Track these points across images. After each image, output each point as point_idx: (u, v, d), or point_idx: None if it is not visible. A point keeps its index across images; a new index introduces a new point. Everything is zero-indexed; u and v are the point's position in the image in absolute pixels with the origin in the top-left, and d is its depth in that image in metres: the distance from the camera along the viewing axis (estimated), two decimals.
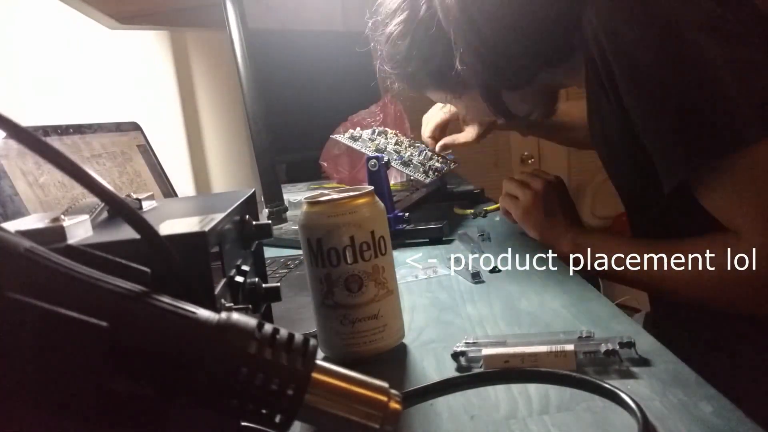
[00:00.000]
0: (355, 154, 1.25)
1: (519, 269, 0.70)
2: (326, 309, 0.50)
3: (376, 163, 0.87)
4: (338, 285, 0.49)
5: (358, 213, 0.49)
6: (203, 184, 1.53)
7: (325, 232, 0.48)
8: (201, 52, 1.57)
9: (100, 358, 0.25)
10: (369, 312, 0.49)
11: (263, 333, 0.27)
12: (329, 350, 0.51)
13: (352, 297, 0.49)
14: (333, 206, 0.49)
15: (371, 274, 0.49)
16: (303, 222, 0.50)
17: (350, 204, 0.49)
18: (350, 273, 0.48)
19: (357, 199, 0.49)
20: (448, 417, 0.40)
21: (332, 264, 0.48)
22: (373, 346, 0.50)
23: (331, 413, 0.28)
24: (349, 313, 0.49)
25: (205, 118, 1.57)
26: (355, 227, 0.48)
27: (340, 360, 0.48)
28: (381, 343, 0.50)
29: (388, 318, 0.50)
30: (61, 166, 0.27)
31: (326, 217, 0.49)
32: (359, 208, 0.49)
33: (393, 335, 0.51)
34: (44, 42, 1.05)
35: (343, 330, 0.49)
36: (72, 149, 0.85)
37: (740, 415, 0.36)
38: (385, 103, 1.37)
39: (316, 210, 0.49)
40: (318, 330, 0.52)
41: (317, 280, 0.50)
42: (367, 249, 0.49)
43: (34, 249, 0.26)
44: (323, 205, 0.49)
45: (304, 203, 0.50)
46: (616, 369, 0.43)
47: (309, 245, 0.49)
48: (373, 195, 0.51)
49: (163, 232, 0.34)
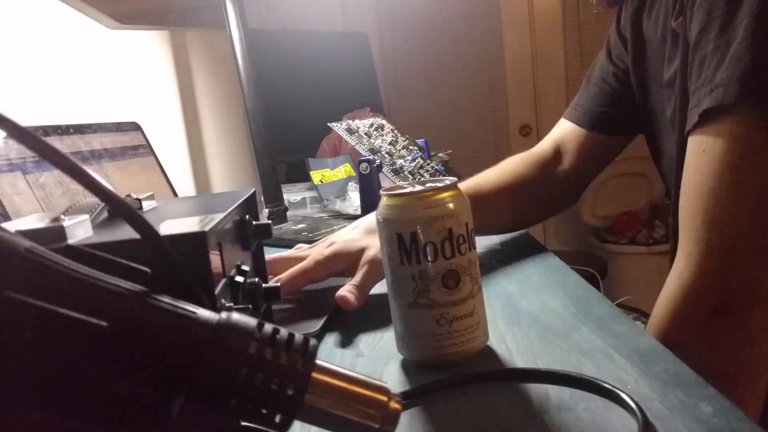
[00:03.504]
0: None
1: (519, 269, 0.70)
2: (419, 309, 0.46)
3: (368, 167, 0.88)
4: (435, 282, 0.46)
5: (451, 204, 0.46)
6: (203, 184, 1.53)
7: (421, 224, 0.45)
8: (201, 52, 1.58)
9: (99, 358, 0.25)
10: (466, 309, 0.47)
11: (263, 333, 0.27)
12: (421, 353, 0.48)
13: (450, 294, 0.46)
14: (423, 198, 0.46)
15: (467, 268, 0.46)
16: (390, 216, 0.47)
17: (443, 195, 0.46)
18: (449, 268, 0.46)
19: (448, 190, 0.46)
20: (447, 417, 0.40)
21: (429, 259, 0.45)
22: (468, 346, 0.47)
23: (331, 413, 0.28)
24: (447, 311, 0.46)
25: (206, 118, 1.57)
26: (452, 219, 0.45)
27: (435, 363, 0.47)
28: (475, 342, 0.48)
29: (480, 315, 0.48)
30: (61, 165, 0.27)
31: (421, 209, 0.45)
32: (452, 199, 0.46)
33: (484, 333, 0.49)
34: (44, 42, 1.05)
35: (440, 330, 0.46)
36: (72, 149, 0.85)
37: (740, 415, 0.36)
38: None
39: (404, 202, 0.46)
40: (404, 334, 0.48)
41: (408, 279, 0.46)
42: (463, 242, 0.46)
43: (34, 249, 0.26)
44: (413, 197, 0.46)
45: (387, 196, 0.47)
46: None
47: (400, 240, 0.46)
48: (458, 186, 0.48)
49: (163, 232, 0.34)
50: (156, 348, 0.26)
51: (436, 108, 2.62)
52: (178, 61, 1.49)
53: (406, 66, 2.63)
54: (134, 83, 1.31)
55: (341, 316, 0.61)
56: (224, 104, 1.64)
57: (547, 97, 2.71)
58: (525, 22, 2.67)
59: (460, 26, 2.63)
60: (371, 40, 2.07)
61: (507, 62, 2.70)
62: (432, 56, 2.63)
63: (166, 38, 1.47)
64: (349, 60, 1.89)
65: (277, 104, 1.47)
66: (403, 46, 2.62)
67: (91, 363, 0.25)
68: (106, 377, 0.25)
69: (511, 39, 2.68)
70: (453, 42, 2.64)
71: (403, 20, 2.60)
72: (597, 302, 0.58)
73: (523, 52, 2.68)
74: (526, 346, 0.49)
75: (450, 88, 2.66)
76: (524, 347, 0.49)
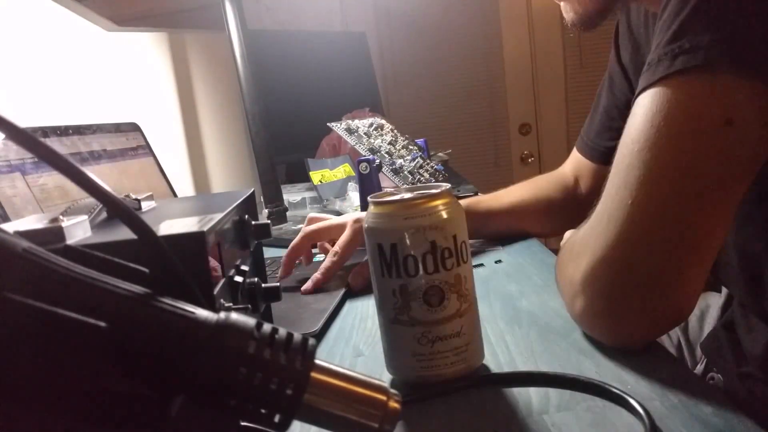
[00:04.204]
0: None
1: (519, 269, 0.70)
2: (400, 326, 0.43)
3: (368, 167, 0.88)
4: (416, 298, 0.42)
5: (438, 214, 0.42)
6: (203, 184, 1.53)
7: (401, 236, 0.42)
8: (200, 53, 1.58)
9: (98, 358, 0.25)
10: (451, 329, 0.43)
11: (262, 333, 0.27)
12: (401, 373, 0.45)
13: (432, 312, 0.42)
14: (409, 206, 0.42)
15: (453, 285, 0.43)
16: (372, 225, 0.43)
17: (430, 204, 0.42)
18: (430, 284, 0.42)
19: (436, 198, 0.43)
20: (448, 418, 0.40)
21: (409, 274, 0.42)
22: (453, 369, 0.43)
23: (330, 412, 0.28)
24: (429, 330, 0.43)
25: (205, 119, 1.57)
26: (436, 231, 0.42)
27: (414, 384, 0.44)
28: (462, 365, 0.44)
29: (470, 335, 0.44)
30: (59, 167, 0.27)
31: (402, 219, 0.42)
32: (440, 208, 0.42)
33: (475, 355, 0.45)
34: (44, 44, 1.05)
35: (421, 350, 0.43)
36: (71, 150, 0.85)
37: (740, 415, 0.36)
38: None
39: (388, 211, 0.43)
40: (387, 350, 0.46)
41: (389, 292, 0.43)
42: (449, 256, 0.42)
43: (33, 249, 0.26)
44: (396, 205, 0.43)
45: (372, 203, 0.44)
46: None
47: (380, 251, 0.43)
48: (452, 194, 0.44)
49: (161, 233, 0.34)
50: (155, 348, 0.26)
51: (435, 107, 2.62)
52: (177, 63, 1.49)
53: (405, 65, 2.63)
54: (133, 85, 1.31)
55: (341, 316, 0.61)
56: (223, 105, 1.64)
57: (547, 96, 2.71)
58: (524, 21, 2.67)
59: (459, 26, 2.63)
60: (370, 39, 2.07)
61: (506, 61, 2.70)
62: (431, 55, 2.63)
63: (165, 40, 1.47)
64: (348, 60, 1.89)
65: (277, 104, 1.47)
66: (402, 45, 2.62)
67: (90, 363, 0.25)
68: (105, 377, 0.25)
69: (510, 38, 2.68)
70: (452, 41, 2.64)
71: (402, 19, 2.60)
72: None
73: (522, 50, 2.68)
74: (526, 346, 0.49)
75: (449, 88, 2.66)
76: (524, 347, 0.49)
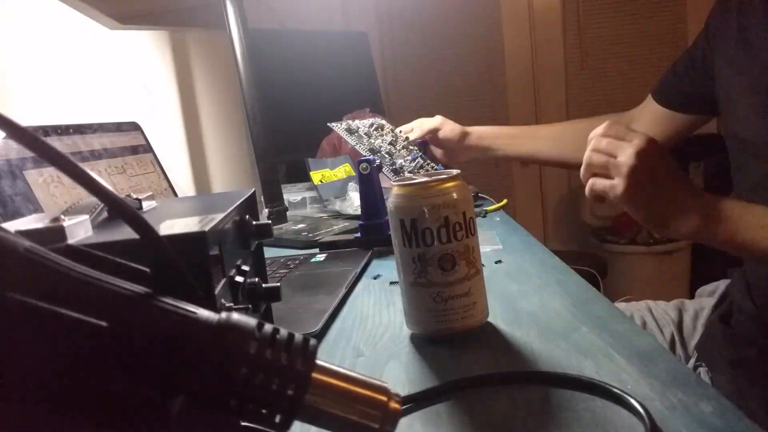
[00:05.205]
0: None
1: (519, 269, 0.70)
2: (418, 287, 0.52)
3: (368, 167, 0.88)
4: (432, 264, 0.51)
5: (450, 194, 0.51)
6: (203, 184, 1.53)
7: (420, 212, 0.51)
8: (201, 52, 1.57)
9: (99, 358, 0.25)
10: (461, 290, 0.52)
11: (263, 333, 0.27)
12: (420, 327, 0.53)
13: (446, 275, 0.51)
14: (426, 188, 0.51)
15: (463, 253, 0.51)
16: (397, 204, 0.52)
17: (443, 186, 0.51)
18: (444, 252, 0.51)
19: (449, 181, 0.52)
20: (448, 418, 0.40)
21: (426, 244, 0.51)
22: (464, 323, 0.52)
23: (331, 413, 0.28)
24: (443, 290, 0.51)
25: (205, 118, 1.57)
26: (449, 208, 0.51)
27: (431, 336, 0.53)
28: (471, 320, 0.52)
29: (477, 296, 0.53)
30: (61, 166, 0.27)
31: (421, 198, 0.51)
32: (451, 190, 0.52)
33: (481, 312, 0.54)
34: (44, 42, 1.05)
35: (436, 308, 0.52)
36: (72, 149, 0.85)
37: (740, 415, 0.36)
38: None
39: (409, 192, 0.52)
40: (407, 308, 0.54)
41: (409, 260, 0.52)
42: (460, 229, 0.51)
43: (34, 249, 0.26)
44: (416, 187, 0.52)
45: (396, 186, 0.53)
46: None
47: (402, 226, 0.52)
48: (461, 178, 0.53)
49: (162, 232, 0.34)
50: (156, 348, 0.26)
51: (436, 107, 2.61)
52: (177, 61, 1.49)
53: (406, 65, 2.63)
54: (134, 83, 1.31)
55: (341, 316, 0.61)
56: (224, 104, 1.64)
57: (547, 96, 2.71)
58: (525, 21, 2.67)
59: (460, 25, 2.63)
60: (371, 39, 2.07)
61: (507, 60, 2.70)
62: (432, 55, 2.63)
63: (165, 38, 1.47)
64: (349, 59, 1.89)
65: (277, 104, 1.46)
66: (402, 45, 2.62)
67: (91, 363, 0.25)
68: (105, 377, 0.25)
69: (511, 37, 2.68)
70: (453, 41, 2.64)
71: (403, 19, 2.59)
72: (597, 302, 0.58)
73: (523, 50, 2.68)
74: (526, 346, 0.49)
75: (450, 88, 2.66)
76: (524, 347, 0.49)
